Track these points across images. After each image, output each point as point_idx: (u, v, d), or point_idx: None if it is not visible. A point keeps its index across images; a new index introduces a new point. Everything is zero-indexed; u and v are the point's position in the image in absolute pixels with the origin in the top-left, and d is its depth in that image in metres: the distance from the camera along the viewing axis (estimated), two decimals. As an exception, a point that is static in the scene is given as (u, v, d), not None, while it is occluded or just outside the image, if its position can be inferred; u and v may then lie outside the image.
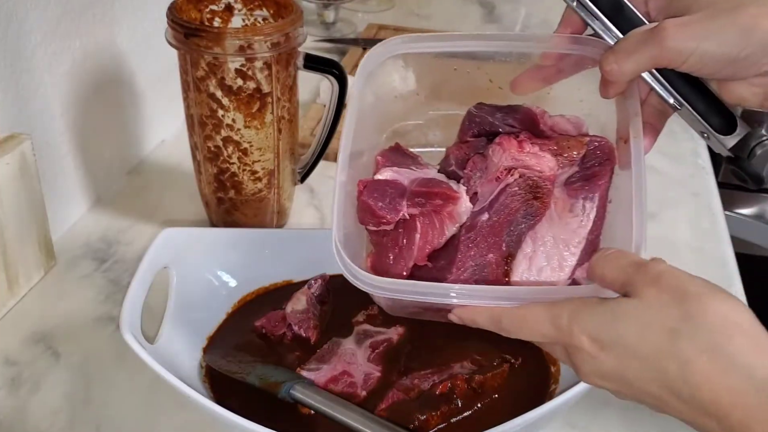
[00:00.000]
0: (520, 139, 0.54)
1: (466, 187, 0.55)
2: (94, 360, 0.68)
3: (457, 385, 0.61)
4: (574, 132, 0.57)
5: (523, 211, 0.54)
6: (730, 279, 0.81)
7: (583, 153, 0.55)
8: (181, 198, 0.88)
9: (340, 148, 0.53)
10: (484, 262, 0.53)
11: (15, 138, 0.70)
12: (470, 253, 0.53)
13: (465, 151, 0.57)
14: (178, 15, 0.71)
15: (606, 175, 0.55)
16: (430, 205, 0.54)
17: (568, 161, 0.55)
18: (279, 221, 0.83)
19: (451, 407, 0.60)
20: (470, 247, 0.53)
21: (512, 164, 0.54)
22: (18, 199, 0.70)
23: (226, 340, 0.67)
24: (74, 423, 0.62)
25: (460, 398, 0.60)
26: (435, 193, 0.54)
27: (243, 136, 0.74)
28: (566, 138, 0.56)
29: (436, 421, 0.59)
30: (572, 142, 0.55)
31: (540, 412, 0.54)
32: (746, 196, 1.21)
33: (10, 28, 0.69)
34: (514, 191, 0.54)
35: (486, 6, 1.49)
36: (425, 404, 0.59)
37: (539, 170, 0.54)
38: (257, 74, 0.71)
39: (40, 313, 0.72)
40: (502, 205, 0.53)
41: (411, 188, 0.55)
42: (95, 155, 0.86)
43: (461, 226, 0.54)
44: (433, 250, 0.54)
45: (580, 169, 0.55)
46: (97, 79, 0.83)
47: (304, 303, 0.68)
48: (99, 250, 0.80)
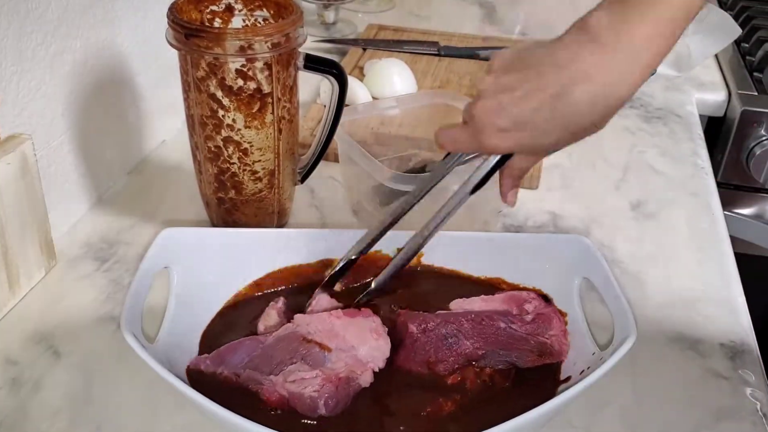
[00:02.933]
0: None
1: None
2: (94, 360, 0.68)
3: (469, 376, 0.62)
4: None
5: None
6: (730, 279, 0.81)
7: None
8: (182, 198, 0.88)
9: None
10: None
11: (16, 138, 0.71)
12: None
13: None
14: (178, 15, 0.71)
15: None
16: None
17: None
18: (279, 221, 0.83)
19: (463, 396, 0.61)
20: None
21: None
22: (19, 199, 0.70)
23: (225, 340, 0.67)
24: (75, 423, 0.62)
25: (470, 390, 0.62)
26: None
27: (243, 137, 0.74)
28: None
29: (449, 407, 0.60)
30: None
31: (540, 412, 0.54)
32: (746, 196, 1.21)
33: (11, 28, 0.69)
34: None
35: (486, 7, 1.49)
36: (438, 391, 0.61)
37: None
38: (258, 74, 0.71)
39: (41, 312, 0.72)
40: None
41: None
42: (96, 155, 0.86)
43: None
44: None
45: None
46: (97, 80, 0.84)
47: (275, 317, 0.68)
48: (100, 250, 0.81)
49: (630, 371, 0.67)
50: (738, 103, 1.17)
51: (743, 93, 1.19)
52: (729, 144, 1.18)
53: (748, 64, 1.28)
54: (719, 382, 0.68)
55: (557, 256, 0.71)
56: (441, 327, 0.64)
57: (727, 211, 1.06)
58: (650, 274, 0.80)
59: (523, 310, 0.68)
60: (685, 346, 0.72)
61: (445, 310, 0.68)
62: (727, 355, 0.70)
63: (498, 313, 0.67)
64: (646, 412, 0.65)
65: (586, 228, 0.87)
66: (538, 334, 0.65)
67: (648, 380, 0.68)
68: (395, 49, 1.23)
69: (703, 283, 0.80)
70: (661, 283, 0.79)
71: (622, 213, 0.91)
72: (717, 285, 0.80)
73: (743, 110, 1.16)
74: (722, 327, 0.74)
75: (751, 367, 0.69)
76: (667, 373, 0.69)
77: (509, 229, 0.87)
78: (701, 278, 0.81)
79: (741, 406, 0.65)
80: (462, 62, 1.21)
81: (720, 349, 0.71)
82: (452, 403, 0.61)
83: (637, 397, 0.66)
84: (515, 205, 0.66)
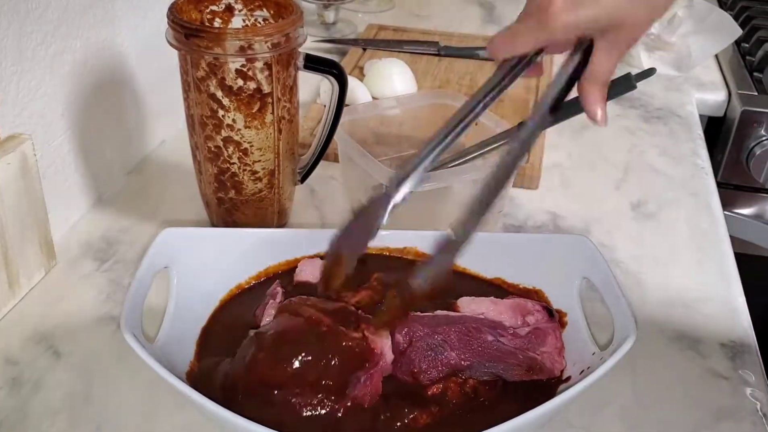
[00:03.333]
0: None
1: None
2: (94, 360, 0.68)
3: (450, 387, 0.61)
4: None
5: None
6: (730, 279, 0.81)
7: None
8: (182, 198, 0.88)
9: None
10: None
11: (16, 138, 0.71)
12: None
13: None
14: (178, 15, 0.71)
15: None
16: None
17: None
18: (279, 221, 0.83)
19: (442, 408, 0.60)
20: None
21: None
22: (19, 199, 0.70)
23: (225, 340, 0.67)
24: (75, 423, 0.62)
25: (452, 401, 0.61)
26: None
27: (243, 137, 0.74)
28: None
29: (424, 420, 0.59)
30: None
31: (540, 412, 0.54)
32: (746, 196, 1.21)
33: (11, 28, 0.69)
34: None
35: (486, 7, 1.49)
36: (416, 403, 0.60)
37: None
38: (257, 74, 0.71)
39: (41, 313, 0.72)
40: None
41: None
42: (96, 155, 0.86)
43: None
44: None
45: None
46: (97, 80, 0.84)
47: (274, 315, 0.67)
48: (100, 250, 0.81)
49: (630, 371, 0.67)
50: (738, 103, 1.17)
51: (743, 93, 1.19)
52: (729, 144, 1.18)
53: (748, 64, 1.28)
54: (719, 382, 0.68)
55: (557, 256, 0.71)
56: (427, 338, 0.63)
57: (727, 211, 1.06)
58: (650, 274, 0.81)
59: (525, 321, 0.67)
60: (685, 346, 0.72)
61: (449, 309, 0.68)
62: (727, 355, 0.70)
63: (488, 324, 0.65)
64: (646, 412, 0.65)
65: (586, 228, 0.87)
66: (529, 349, 0.64)
67: (648, 380, 0.68)
68: (395, 49, 1.23)
69: (703, 283, 0.80)
70: (661, 283, 0.79)
71: (622, 213, 0.91)
72: (717, 285, 0.80)
73: (743, 110, 1.16)
74: (722, 327, 0.74)
75: (751, 367, 0.69)
76: (667, 373, 0.69)
77: (509, 229, 0.87)
78: (701, 278, 0.81)
79: (741, 406, 0.66)
80: (462, 62, 1.21)
81: (720, 349, 0.71)
82: (428, 415, 0.59)
83: (637, 397, 0.66)
84: (605, 124, 0.57)
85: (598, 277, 0.67)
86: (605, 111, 0.55)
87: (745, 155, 1.17)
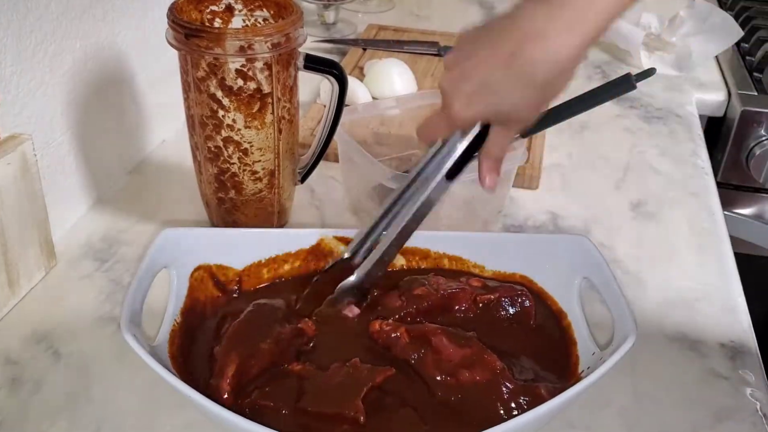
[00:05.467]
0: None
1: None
2: (94, 360, 0.68)
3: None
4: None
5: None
6: (730, 279, 0.81)
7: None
8: (182, 198, 0.88)
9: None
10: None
11: (16, 138, 0.71)
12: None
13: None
14: (178, 15, 0.71)
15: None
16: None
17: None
18: (279, 221, 0.83)
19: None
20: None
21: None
22: (19, 200, 0.70)
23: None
24: (75, 423, 0.62)
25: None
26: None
27: (243, 137, 0.74)
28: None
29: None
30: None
31: (540, 412, 0.54)
32: (746, 196, 1.21)
33: (11, 28, 0.69)
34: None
35: (486, 6, 1.49)
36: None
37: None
38: (258, 75, 0.71)
39: (41, 312, 0.72)
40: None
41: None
42: (96, 155, 0.86)
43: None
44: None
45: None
46: (97, 80, 0.84)
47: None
48: (100, 250, 0.81)
49: (630, 371, 0.67)
50: (738, 103, 1.17)
51: (743, 93, 1.19)
52: (729, 144, 1.18)
53: (748, 64, 1.28)
54: (719, 382, 0.68)
55: (557, 256, 0.71)
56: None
57: (727, 211, 1.06)
58: (650, 274, 0.81)
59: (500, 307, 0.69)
60: (685, 346, 0.72)
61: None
62: (727, 356, 0.70)
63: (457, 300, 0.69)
64: (646, 412, 0.65)
65: (586, 228, 0.87)
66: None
67: (648, 380, 0.68)
68: (395, 49, 1.23)
69: (703, 283, 0.80)
70: (661, 283, 0.79)
71: (622, 213, 0.91)
72: (717, 285, 0.80)
73: (743, 110, 1.16)
74: (722, 327, 0.74)
75: (751, 367, 0.69)
76: (667, 373, 0.69)
77: (509, 229, 0.87)
78: (701, 278, 0.81)
79: (741, 406, 0.66)
80: (462, 62, 1.20)
81: (720, 349, 0.71)
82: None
83: (637, 397, 0.66)
84: (494, 191, 0.66)
85: (598, 277, 0.67)
86: (494, 180, 0.65)
87: (745, 155, 1.17)
